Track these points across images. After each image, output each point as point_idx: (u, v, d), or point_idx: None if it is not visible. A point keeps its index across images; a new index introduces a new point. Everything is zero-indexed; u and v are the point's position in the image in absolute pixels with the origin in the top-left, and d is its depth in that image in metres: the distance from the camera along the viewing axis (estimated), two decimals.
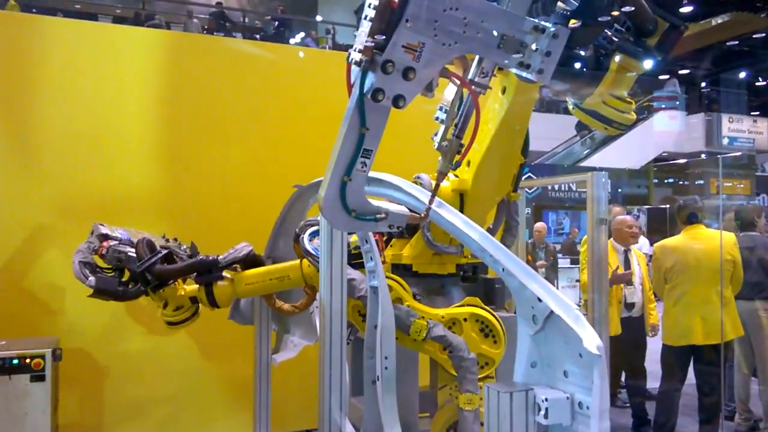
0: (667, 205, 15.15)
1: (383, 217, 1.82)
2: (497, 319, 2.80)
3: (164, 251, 3.07)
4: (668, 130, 22.60)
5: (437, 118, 1.90)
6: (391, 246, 3.67)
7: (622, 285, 5.47)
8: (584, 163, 20.01)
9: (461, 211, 3.14)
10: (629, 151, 21.23)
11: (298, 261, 2.98)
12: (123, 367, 4.48)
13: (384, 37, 1.51)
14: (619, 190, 19.00)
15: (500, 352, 2.77)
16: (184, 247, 3.34)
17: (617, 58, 2.21)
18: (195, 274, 3.04)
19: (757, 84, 25.64)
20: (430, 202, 1.98)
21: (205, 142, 4.68)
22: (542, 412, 1.52)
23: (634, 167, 21.13)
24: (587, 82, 2.23)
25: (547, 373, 1.63)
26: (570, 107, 2.42)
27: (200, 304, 3.14)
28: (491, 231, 3.51)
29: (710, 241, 5.02)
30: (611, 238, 5.58)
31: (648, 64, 2.29)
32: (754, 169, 22.52)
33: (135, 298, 3.13)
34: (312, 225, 2.94)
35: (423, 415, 3.30)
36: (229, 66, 4.82)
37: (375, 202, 1.82)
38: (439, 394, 2.87)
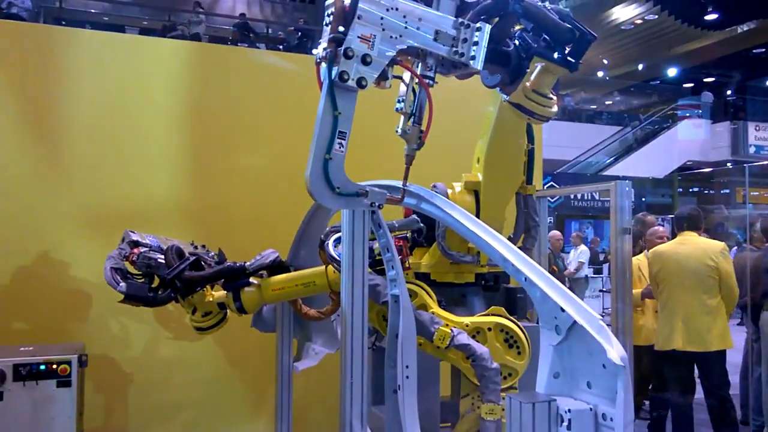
0: None
1: (364, 194, 2.16)
2: (522, 330, 2.78)
3: (192, 258, 3.09)
4: (693, 138, 22.31)
5: (397, 109, 2.25)
6: (411, 255, 3.67)
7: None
8: (608, 172, 19.83)
9: (477, 210, 3.16)
10: (653, 160, 21.02)
11: (323, 267, 2.99)
12: (147, 373, 4.53)
13: (343, 30, 1.89)
14: (643, 199, 18.78)
15: (524, 363, 2.74)
16: (212, 253, 3.37)
17: (537, 61, 2.53)
18: (223, 280, 3.07)
19: None
20: (404, 184, 2.32)
21: (230, 150, 4.73)
22: (565, 424, 1.51)
23: (659, 176, 20.87)
24: (514, 81, 2.55)
25: (570, 383, 1.62)
26: (504, 101, 2.73)
27: (228, 310, 3.18)
28: (513, 240, 3.49)
29: (695, 247, 4.96)
30: (646, 249, 5.55)
31: (562, 69, 2.60)
32: None
33: (164, 304, 3.16)
34: (336, 231, 2.93)
35: (444, 425, 3.29)
36: (253, 76, 4.87)
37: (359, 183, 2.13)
38: (461, 403, 2.86)
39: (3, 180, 4.29)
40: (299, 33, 17.98)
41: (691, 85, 25.73)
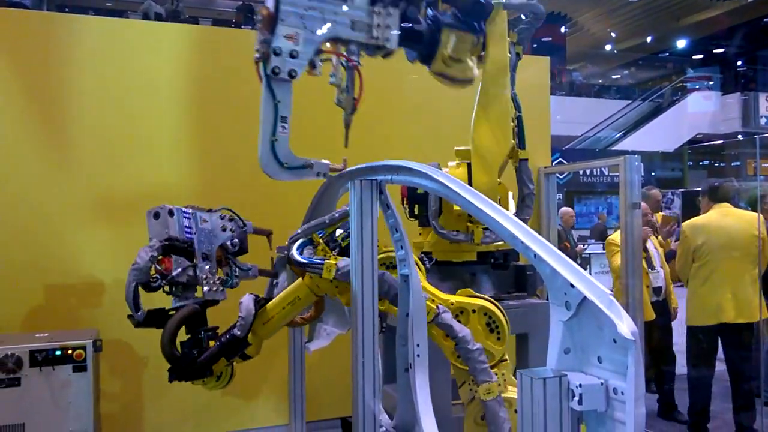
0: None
1: (310, 165, 2.50)
2: (504, 316, 2.78)
3: (207, 334, 3.02)
4: (703, 111, 22.07)
5: (331, 83, 2.62)
6: (420, 234, 3.68)
7: (647, 270, 5.39)
8: (617, 147, 19.68)
9: (469, 181, 3.16)
10: (663, 134, 20.84)
11: (299, 280, 2.93)
12: (161, 357, 4.56)
13: (270, 35, 2.25)
14: (653, 174, 18.64)
15: (502, 349, 2.74)
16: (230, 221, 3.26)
17: (448, 33, 2.85)
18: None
19: None
20: (345, 145, 2.68)
21: (237, 135, 4.72)
22: (576, 399, 1.51)
23: (668, 150, 20.70)
24: (430, 53, 2.85)
25: (580, 359, 1.62)
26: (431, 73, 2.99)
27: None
28: (518, 214, 3.49)
29: (741, 218, 4.93)
30: None
31: (471, 35, 2.92)
32: None
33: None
34: (295, 240, 2.86)
35: (456, 402, 3.31)
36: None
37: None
38: (461, 393, 2.86)
39: (13, 169, 4.32)
40: None
41: (701, 56, 25.37)
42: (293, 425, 3.52)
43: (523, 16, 3.65)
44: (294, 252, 2.77)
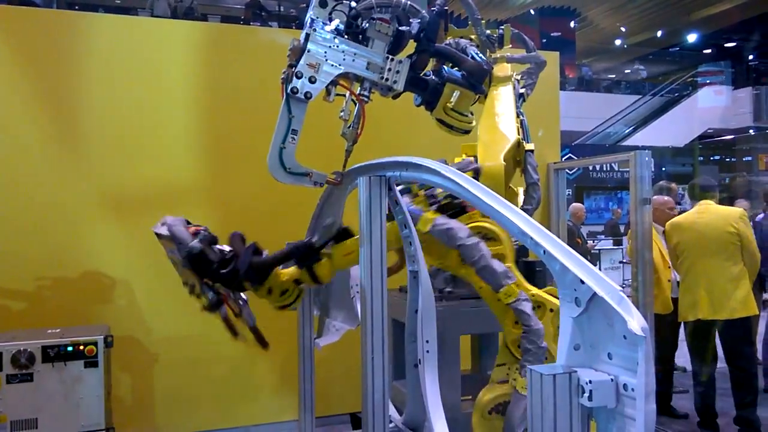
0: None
1: (309, 174, 2.77)
2: None
3: (253, 243, 3.11)
4: (714, 105, 21.88)
5: (340, 117, 2.87)
6: None
7: (670, 265, 5.38)
8: (627, 142, 19.57)
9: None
10: (673, 129, 20.68)
11: (388, 223, 2.91)
12: (172, 352, 4.61)
13: (297, 61, 2.71)
14: (663, 169, 18.53)
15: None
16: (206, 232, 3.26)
17: (451, 87, 3.20)
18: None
19: None
20: (342, 169, 2.89)
21: (247, 131, 4.74)
22: (586, 395, 1.51)
23: (679, 145, 20.55)
24: (432, 101, 3.20)
25: (590, 355, 1.62)
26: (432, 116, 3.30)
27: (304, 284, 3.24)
28: (528, 211, 3.48)
29: (717, 215, 4.91)
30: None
31: (470, 93, 3.22)
32: None
33: (228, 285, 3.12)
34: (399, 185, 2.91)
35: (465, 398, 3.32)
36: (266, 55, 4.86)
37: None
38: (495, 371, 2.82)
39: (25, 167, 4.35)
40: None
41: (712, 50, 25.17)
42: (303, 420, 3.53)
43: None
44: (396, 193, 2.82)
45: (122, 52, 4.60)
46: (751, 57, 24.35)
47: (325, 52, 2.76)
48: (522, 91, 3.89)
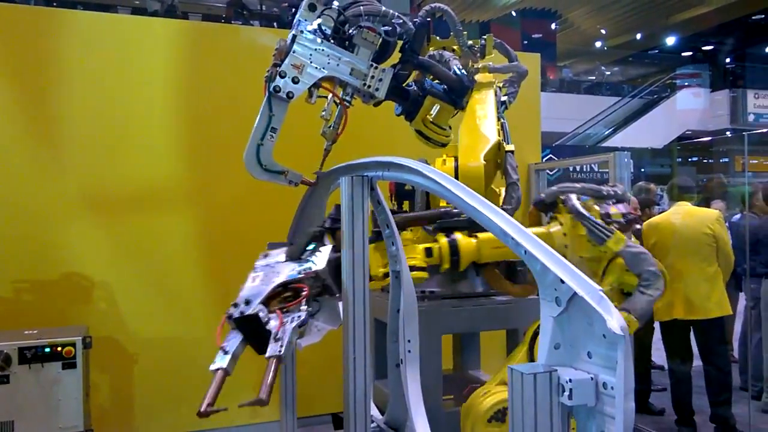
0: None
1: (285, 173, 2.87)
2: None
3: None
4: (692, 107, 22.18)
5: (321, 116, 2.97)
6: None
7: None
8: (607, 144, 19.76)
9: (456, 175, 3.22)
10: (652, 130, 20.92)
11: (546, 228, 2.96)
12: (151, 354, 4.57)
13: (282, 61, 2.77)
14: (642, 170, 18.73)
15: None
16: None
17: (432, 100, 3.31)
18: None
19: None
20: (319, 168, 2.98)
21: (227, 130, 4.71)
22: (566, 393, 1.52)
23: (657, 146, 20.80)
24: (412, 112, 3.29)
25: (570, 354, 1.63)
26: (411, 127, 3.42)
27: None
28: (509, 210, 3.50)
29: (693, 216, 4.99)
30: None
31: (450, 107, 3.35)
32: None
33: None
34: (569, 190, 2.89)
35: (447, 398, 3.33)
36: (247, 54, 4.83)
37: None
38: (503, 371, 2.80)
39: (2, 166, 4.28)
40: (293, 9, 17.73)
41: (690, 53, 25.49)
42: (284, 421, 3.51)
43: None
44: (575, 202, 2.82)
45: (102, 50, 4.54)
46: (728, 60, 24.69)
47: (311, 55, 2.81)
48: (504, 99, 3.93)
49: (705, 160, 22.79)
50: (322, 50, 2.84)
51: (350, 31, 2.92)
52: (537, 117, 5.85)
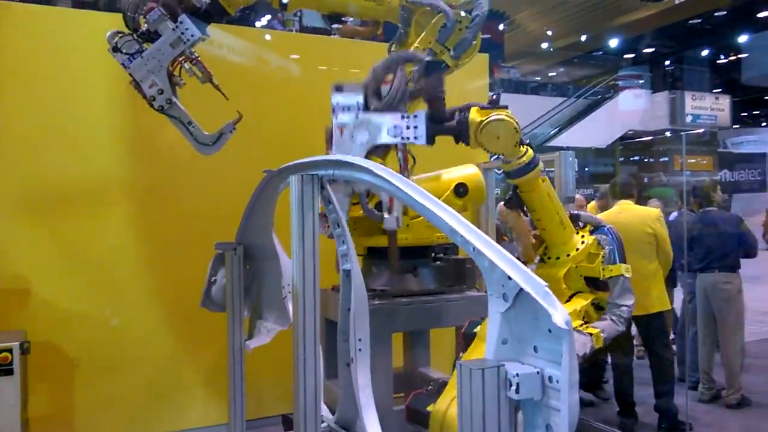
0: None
1: (221, 132, 3.51)
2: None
3: None
4: (633, 108, 22.92)
5: (193, 75, 3.51)
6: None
7: None
8: (552, 143, 20.21)
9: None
10: (596, 130, 21.51)
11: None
12: (93, 357, 4.43)
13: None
14: (586, 169, 19.25)
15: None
16: None
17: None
18: None
19: (718, 62, 26.10)
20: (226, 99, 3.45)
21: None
22: (513, 388, 1.55)
23: (601, 146, 21.41)
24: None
25: (517, 349, 1.66)
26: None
27: None
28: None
29: (635, 215, 5.16)
30: None
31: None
32: (716, 146, 23.05)
33: None
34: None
35: (398, 395, 3.34)
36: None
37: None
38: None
39: None
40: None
41: (632, 55, 26.31)
42: (233, 424, 3.46)
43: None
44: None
45: (40, 44, 4.38)
46: (668, 62, 25.62)
47: (148, 69, 3.35)
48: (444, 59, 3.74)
49: (646, 159, 23.59)
50: (148, 60, 3.35)
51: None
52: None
